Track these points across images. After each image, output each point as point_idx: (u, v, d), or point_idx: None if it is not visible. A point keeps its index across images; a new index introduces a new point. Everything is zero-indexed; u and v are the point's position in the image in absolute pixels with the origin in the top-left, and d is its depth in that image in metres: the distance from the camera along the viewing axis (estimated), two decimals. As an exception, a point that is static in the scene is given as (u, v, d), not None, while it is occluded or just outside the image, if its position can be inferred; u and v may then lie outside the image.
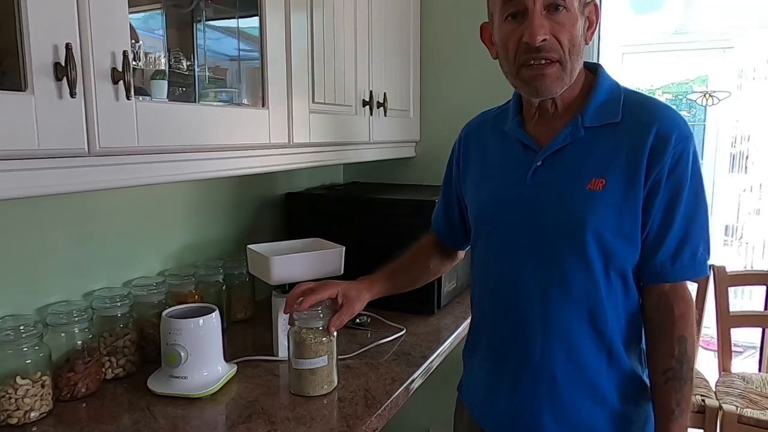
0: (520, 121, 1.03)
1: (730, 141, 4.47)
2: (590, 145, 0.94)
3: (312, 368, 1.12)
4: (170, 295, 1.34)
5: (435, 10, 2.02)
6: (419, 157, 2.11)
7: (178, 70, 1.14)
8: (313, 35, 1.40)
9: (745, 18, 4.00)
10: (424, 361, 1.30)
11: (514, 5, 0.90)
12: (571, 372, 0.95)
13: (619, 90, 0.98)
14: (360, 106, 1.65)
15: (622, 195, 0.90)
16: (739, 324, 2.01)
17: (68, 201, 1.20)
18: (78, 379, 1.11)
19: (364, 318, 1.53)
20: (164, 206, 1.44)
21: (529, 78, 0.92)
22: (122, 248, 1.33)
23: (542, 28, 0.88)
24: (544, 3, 0.88)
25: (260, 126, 1.23)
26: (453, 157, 1.20)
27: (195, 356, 1.13)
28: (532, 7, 0.88)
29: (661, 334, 0.95)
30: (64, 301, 1.19)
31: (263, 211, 1.79)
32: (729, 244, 4.60)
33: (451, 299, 1.71)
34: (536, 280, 0.96)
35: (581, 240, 0.91)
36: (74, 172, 0.85)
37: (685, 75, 4.72)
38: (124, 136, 0.90)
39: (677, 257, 0.92)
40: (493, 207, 1.03)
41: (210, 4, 1.26)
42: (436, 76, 2.06)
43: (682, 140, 0.90)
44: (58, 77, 0.78)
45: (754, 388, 1.85)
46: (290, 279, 1.27)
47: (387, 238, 1.54)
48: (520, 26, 0.90)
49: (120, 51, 0.87)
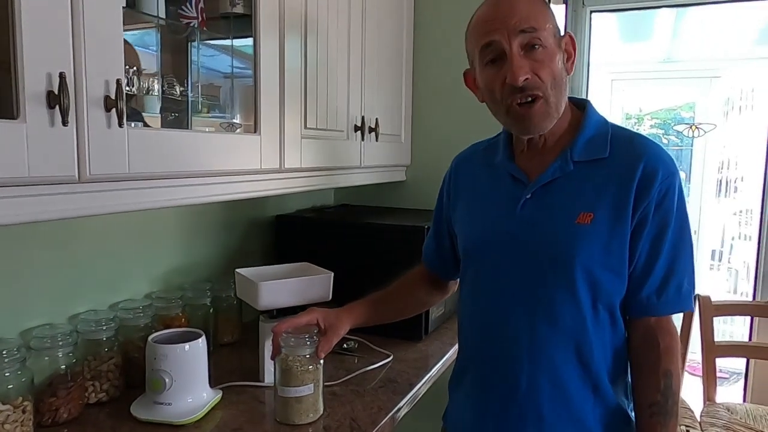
0: (509, 154, 1.05)
1: (717, 167, 4.54)
2: (579, 180, 0.95)
3: (298, 396, 1.11)
4: (157, 318, 1.33)
5: (428, 38, 2.05)
6: (410, 182, 2.12)
7: (171, 95, 1.15)
8: (307, 61, 1.41)
9: (732, 49, 4.09)
10: (410, 389, 1.30)
11: (492, 51, 0.93)
12: (558, 405, 0.95)
13: (607, 126, 1.00)
14: (352, 131, 1.66)
15: (609, 229, 0.92)
16: (724, 354, 2.02)
17: (53, 224, 1.19)
18: (60, 404, 1.09)
19: (351, 343, 1.53)
20: (152, 228, 1.44)
21: (518, 117, 0.94)
22: (109, 270, 1.32)
23: (522, 69, 0.90)
24: (520, 44, 0.91)
25: (252, 151, 1.24)
26: (443, 188, 1.21)
27: (180, 382, 1.12)
28: (509, 50, 0.90)
29: (647, 368, 0.96)
30: (48, 324, 1.17)
31: (252, 233, 1.78)
32: (716, 268, 4.65)
33: (439, 325, 1.71)
34: (524, 312, 0.96)
35: (569, 273, 0.92)
36: (64, 199, 0.85)
37: (673, 102, 4.80)
38: (115, 163, 0.90)
39: (663, 291, 0.94)
40: (482, 239, 1.04)
41: (205, 30, 1.27)
42: (427, 101, 2.08)
43: (668, 176, 0.92)
44: (51, 105, 0.78)
45: (739, 418, 1.85)
46: (278, 304, 1.26)
47: (377, 263, 1.55)
48: (501, 69, 0.92)
49: (114, 79, 0.87)
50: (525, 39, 0.91)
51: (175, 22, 1.19)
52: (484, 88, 0.97)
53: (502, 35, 0.90)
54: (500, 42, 0.91)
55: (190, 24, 1.21)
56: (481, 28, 0.94)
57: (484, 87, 0.97)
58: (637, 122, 4.84)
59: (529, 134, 0.97)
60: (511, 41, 0.90)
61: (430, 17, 2.04)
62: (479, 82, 0.99)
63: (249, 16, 1.23)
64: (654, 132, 4.79)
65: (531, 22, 0.90)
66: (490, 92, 0.96)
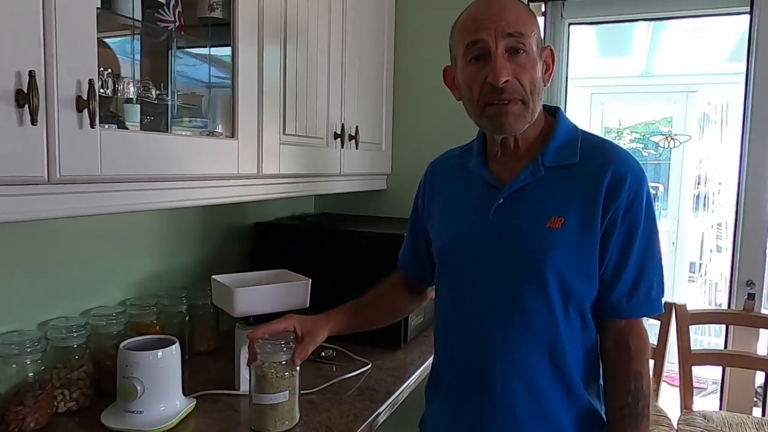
0: (483, 159, 1.06)
1: (694, 181, 4.62)
2: (550, 185, 0.97)
3: (273, 404, 1.09)
4: (130, 326, 1.31)
5: (409, 47, 2.06)
6: (390, 190, 2.12)
7: (146, 98, 1.14)
8: (286, 68, 1.41)
9: (706, 65, 4.19)
10: (388, 396, 1.29)
11: (477, 49, 0.94)
12: (532, 409, 0.96)
13: (577, 132, 1.02)
14: (332, 139, 1.66)
15: (580, 233, 0.93)
16: (700, 362, 2.04)
17: (23, 227, 1.17)
18: (27, 413, 1.06)
19: (329, 352, 1.51)
20: (127, 233, 1.42)
21: (493, 115, 0.95)
22: (81, 276, 1.30)
23: (505, 70, 0.91)
24: (505, 46, 0.92)
25: (229, 156, 1.23)
26: (419, 195, 1.21)
27: (152, 390, 1.10)
28: (494, 50, 0.92)
29: (618, 370, 0.97)
30: (16, 330, 1.14)
31: (231, 240, 1.77)
32: (693, 280, 4.71)
33: (418, 333, 1.70)
34: (497, 316, 0.97)
35: (541, 276, 0.93)
36: (33, 200, 0.83)
37: (651, 116, 4.89)
38: (86, 165, 0.88)
39: (632, 294, 0.95)
40: (456, 243, 1.04)
41: (183, 35, 1.27)
42: (408, 110, 2.09)
43: (637, 182, 0.94)
44: (20, 104, 0.77)
45: (715, 426, 1.87)
46: (254, 311, 1.25)
47: (356, 271, 1.54)
48: (483, 68, 0.93)
49: (86, 79, 0.86)
50: (511, 42, 0.92)
51: (152, 26, 1.18)
52: (464, 86, 0.98)
53: (489, 35, 0.92)
54: (487, 41, 0.92)
55: (167, 28, 1.20)
56: (469, 26, 0.95)
57: (464, 84, 0.98)
58: (617, 136, 4.92)
59: (503, 133, 0.98)
60: (498, 42, 0.92)
61: (412, 26, 2.06)
62: (459, 79, 1.00)
63: (227, 23, 1.23)
64: (633, 146, 4.87)
65: (519, 27, 0.92)
66: (469, 90, 0.97)
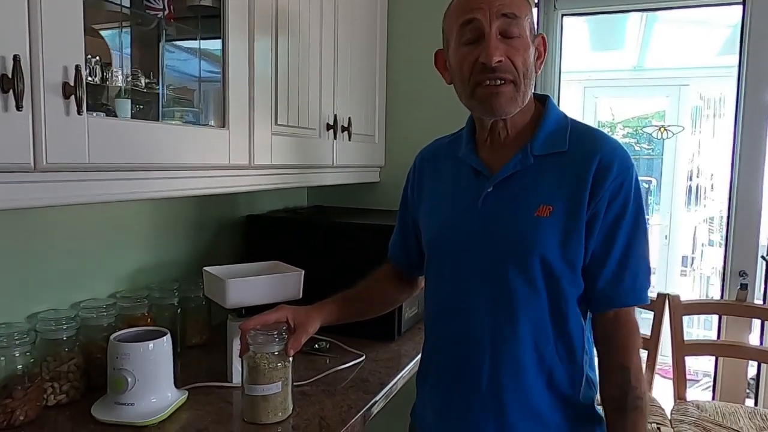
0: (472, 147, 1.05)
1: (686, 175, 4.64)
2: (539, 173, 0.96)
3: (265, 395, 1.08)
4: (121, 318, 1.29)
5: (402, 38, 2.05)
6: (384, 183, 2.12)
7: (135, 87, 1.12)
8: (278, 58, 1.40)
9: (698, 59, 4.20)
10: (382, 388, 1.28)
11: (471, 29, 0.93)
12: (518, 396, 0.95)
13: (566, 120, 1.01)
14: (324, 130, 1.65)
15: (567, 222, 0.93)
16: (693, 352, 2.05)
17: (12, 217, 1.15)
18: (16, 406, 1.05)
19: (323, 343, 1.51)
20: (118, 225, 1.40)
21: (484, 96, 0.94)
22: (71, 268, 1.28)
23: (498, 50, 0.91)
24: (499, 27, 0.92)
25: (220, 146, 1.21)
26: (408, 184, 1.21)
27: (143, 382, 1.09)
28: (488, 30, 0.91)
29: (606, 362, 0.97)
30: (4, 323, 1.13)
31: (223, 233, 1.75)
32: (686, 274, 4.73)
33: (412, 325, 1.69)
34: (485, 305, 0.96)
35: (529, 264, 0.93)
36: (18, 188, 0.82)
37: (644, 110, 4.90)
38: (73, 152, 0.87)
39: (618, 283, 0.94)
40: (444, 232, 1.04)
41: (173, 23, 1.25)
42: (402, 102, 2.08)
43: (624, 170, 0.93)
44: (4, 90, 0.75)
45: (708, 416, 1.87)
46: (247, 303, 1.24)
47: (349, 263, 1.53)
48: (476, 48, 0.93)
49: (72, 65, 0.84)
50: (505, 24, 0.92)
51: (141, 13, 1.16)
52: (455, 67, 0.97)
53: (483, 15, 0.91)
54: (481, 21, 0.91)
55: (156, 16, 1.18)
56: (464, 6, 0.94)
57: (455, 65, 0.97)
58: (611, 130, 4.93)
59: (493, 116, 0.97)
60: (492, 22, 0.91)
61: (404, 16, 2.05)
62: (451, 61, 0.99)
63: (217, 15, 1.21)
64: (626, 141, 4.88)
65: (514, 9, 0.92)
66: (461, 71, 0.96)
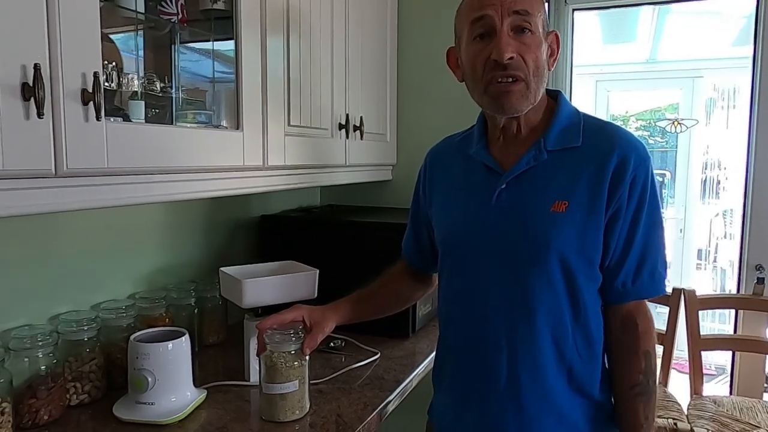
0: (484, 144, 1.05)
1: (701, 167, 4.59)
2: (553, 169, 0.96)
3: (283, 393, 1.10)
4: (140, 319, 1.31)
5: (412, 37, 2.05)
6: (396, 181, 2.12)
7: (151, 91, 1.14)
8: (290, 59, 1.41)
9: (712, 50, 4.15)
10: (397, 385, 1.29)
11: (482, 25, 0.93)
12: (537, 394, 0.96)
13: (579, 116, 1.01)
14: (336, 130, 1.66)
15: (584, 217, 0.93)
16: (710, 347, 2.04)
17: (33, 221, 1.17)
18: (40, 406, 1.07)
19: (338, 342, 1.52)
20: (136, 227, 1.42)
21: (495, 94, 0.94)
22: (91, 270, 1.31)
23: (510, 46, 0.91)
24: (511, 24, 0.92)
25: (234, 148, 1.23)
26: (419, 182, 1.21)
27: (163, 381, 1.10)
28: (500, 27, 0.91)
29: (628, 350, 0.97)
30: (27, 325, 1.15)
31: (238, 233, 1.77)
32: (702, 267, 4.68)
33: (427, 323, 1.70)
34: (501, 302, 0.97)
35: (545, 261, 0.93)
36: (40, 193, 0.84)
37: (658, 102, 4.85)
38: (93, 157, 0.89)
39: (637, 277, 0.96)
40: (458, 230, 1.04)
41: (186, 27, 1.27)
42: (413, 100, 2.08)
43: (641, 163, 0.94)
44: (26, 97, 0.77)
45: (725, 411, 1.86)
46: (263, 302, 1.25)
47: (363, 262, 1.54)
48: (488, 45, 0.93)
49: (91, 72, 0.86)
50: (517, 21, 0.92)
51: (155, 18, 1.18)
52: (467, 64, 0.97)
53: (495, 11, 0.91)
54: (492, 17, 0.91)
55: (170, 20, 1.20)
56: (476, 3, 0.94)
57: (467, 62, 0.97)
58: (623, 123, 4.89)
59: (505, 114, 0.97)
60: (503, 19, 0.91)
61: (415, 15, 2.05)
62: (462, 58, 0.99)
63: (230, 16, 1.23)
64: (640, 134, 4.83)
65: (525, 5, 0.92)
66: (473, 68, 0.96)
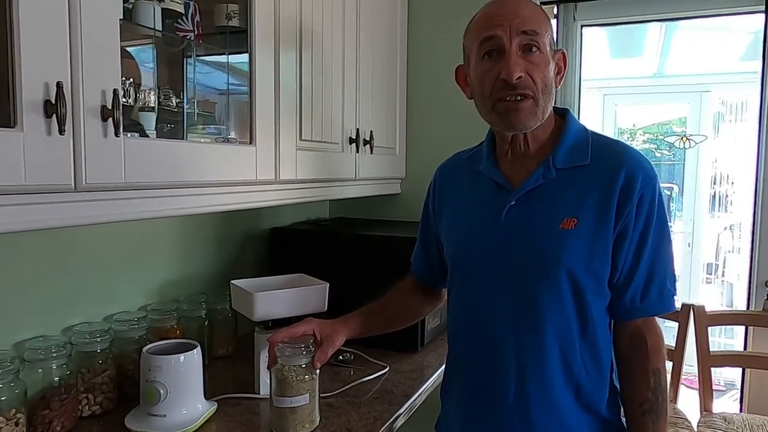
0: (493, 161, 1.06)
1: (709, 181, 4.58)
2: (562, 186, 0.97)
3: (293, 407, 1.10)
4: (151, 331, 1.32)
5: (421, 51, 2.07)
6: (405, 194, 2.13)
7: (167, 107, 1.16)
8: (302, 74, 1.43)
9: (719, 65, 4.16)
10: (406, 399, 1.29)
11: (491, 45, 0.94)
12: (545, 410, 0.96)
13: (587, 133, 1.02)
14: (347, 144, 1.67)
15: (593, 234, 0.94)
16: (720, 363, 2.02)
17: (47, 234, 1.19)
18: (53, 417, 1.08)
19: (347, 355, 1.52)
20: (147, 240, 1.44)
21: (504, 111, 0.95)
22: (103, 282, 1.32)
23: (518, 66, 0.92)
24: (519, 44, 0.93)
25: (247, 162, 1.25)
26: (428, 199, 1.22)
27: (175, 393, 1.11)
28: (508, 46, 0.93)
29: (636, 368, 0.98)
30: (41, 336, 1.17)
31: (248, 245, 1.78)
32: (711, 282, 4.66)
33: (435, 336, 1.70)
34: (510, 318, 0.97)
35: (554, 277, 0.94)
36: (60, 208, 0.85)
37: (665, 116, 4.86)
38: (110, 173, 0.91)
39: (646, 294, 0.96)
40: (467, 246, 1.05)
41: (201, 43, 1.29)
42: (422, 114, 2.10)
43: (648, 182, 0.95)
44: (48, 114, 0.79)
45: (735, 428, 1.85)
46: (273, 315, 1.26)
47: (372, 275, 1.54)
48: (497, 64, 0.94)
49: (110, 89, 0.88)
50: (525, 40, 0.93)
51: (171, 35, 1.20)
52: (476, 82, 0.99)
53: (504, 31, 0.93)
54: (501, 38, 0.93)
55: (186, 37, 1.22)
56: (484, 23, 0.96)
57: (476, 81, 0.98)
58: (630, 137, 4.89)
59: (513, 130, 0.98)
60: (512, 39, 0.93)
61: (424, 31, 2.07)
62: (471, 76, 1.01)
63: (244, 30, 1.25)
64: (647, 147, 4.83)
65: (533, 26, 0.93)
66: (481, 86, 0.97)
